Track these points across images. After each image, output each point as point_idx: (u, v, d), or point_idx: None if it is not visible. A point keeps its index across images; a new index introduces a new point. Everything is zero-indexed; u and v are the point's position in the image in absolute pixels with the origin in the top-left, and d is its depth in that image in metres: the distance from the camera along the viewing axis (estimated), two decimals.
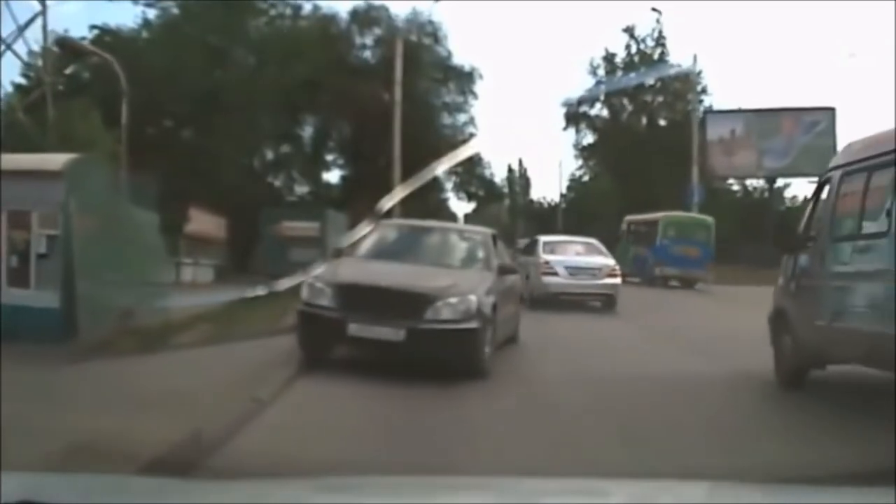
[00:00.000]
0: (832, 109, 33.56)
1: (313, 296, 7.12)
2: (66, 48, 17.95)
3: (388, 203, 9.67)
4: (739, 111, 35.60)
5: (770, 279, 8.08)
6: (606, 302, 14.58)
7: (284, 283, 7.13)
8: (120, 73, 16.26)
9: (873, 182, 6.00)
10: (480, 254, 8.39)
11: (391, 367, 6.76)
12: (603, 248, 16.15)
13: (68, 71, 26.55)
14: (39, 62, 21.62)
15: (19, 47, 20.58)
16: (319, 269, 7.53)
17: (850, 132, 59.22)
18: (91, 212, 8.03)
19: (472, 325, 6.86)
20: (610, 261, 15.31)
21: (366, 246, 8.29)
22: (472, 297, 6.97)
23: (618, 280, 14.94)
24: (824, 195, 6.83)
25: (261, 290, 9.73)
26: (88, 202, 8.04)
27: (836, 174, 6.72)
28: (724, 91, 66.52)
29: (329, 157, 34.58)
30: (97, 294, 7.63)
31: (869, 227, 5.98)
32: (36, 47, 20.54)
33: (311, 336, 7.21)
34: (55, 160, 8.39)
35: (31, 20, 19.01)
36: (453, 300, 6.90)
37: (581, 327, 11.70)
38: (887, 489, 2.07)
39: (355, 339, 6.89)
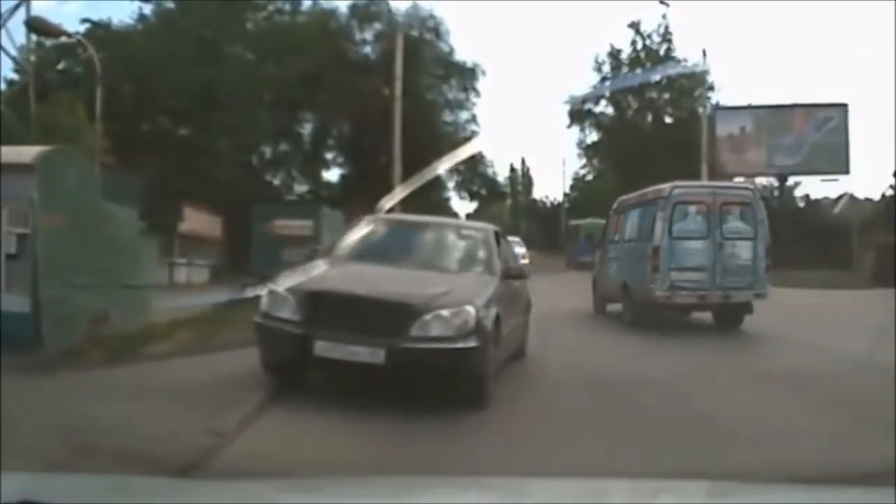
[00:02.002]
0: (844, 106, 33.00)
1: (273, 306, 5.80)
2: (38, 30, 17.41)
3: (388, 202, 8.94)
4: (749, 107, 34.98)
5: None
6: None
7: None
8: (95, 59, 15.67)
9: (621, 219, 13.40)
10: (481, 254, 7.09)
11: (379, 390, 5.62)
12: (520, 242, 25.50)
13: (60, 66, 26.11)
14: (32, 57, 21.09)
15: (10, 44, 20.05)
16: (284, 276, 6.23)
17: (863, 129, 58.80)
18: (62, 208, 7.38)
19: (470, 343, 5.51)
20: (522, 249, 23.34)
21: (348, 245, 7.11)
22: (470, 309, 5.65)
23: (527, 261, 22.31)
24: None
25: (249, 293, 9.19)
26: (60, 198, 7.38)
27: (611, 213, 14.25)
28: (732, 87, 66.05)
29: (329, 155, 34.20)
30: (64, 298, 6.95)
31: (617, 237, 13.40)
32: (23, 41, 19.98)
33: (271, 355, 5.92)
34: (26, 152, 7.73)
35: (15, 8, 18.38)
36: (446, 312, 5.56)
37: None
38: (887, 489, 2.07)
39: (324, 360, 5.54)
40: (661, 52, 39.76)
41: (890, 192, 33.52)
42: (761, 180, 37.22)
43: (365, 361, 5.40)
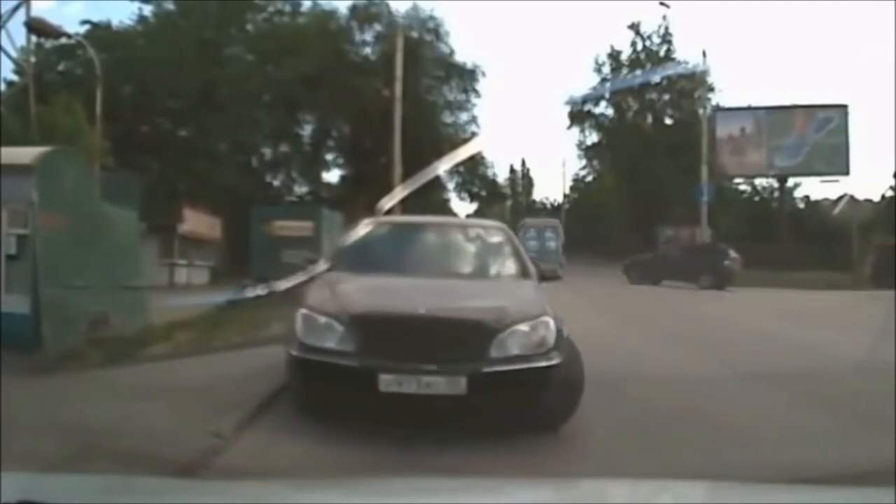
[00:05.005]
0: (844, 107, 32.97)
1: (314, 335, 4.85)
2: (38, 31, 17.42)
3: (388, 203, 8.79)
4: (749, 108, 34.94)
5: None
6: None
7: (281, 286, 6.40)
8: (95, 60, 15.63)
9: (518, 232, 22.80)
10: (512, 256, 6.28)
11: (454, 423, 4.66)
12: None
13: (60, 67, 26.16)
14: (32, 58, 21.12)
15: (10, 45, 20.06)
16: (313, 295, 5.25)
17: (863, 130, 58.73)
18: (62, 210, 7.36)
19: (553, 360, 4.78)
20: None
21: (357, 254, 6.14)
22: (548, 320, 4.93)
23: None
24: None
25: (249, 294, 9.20)
26: (60, 199, 7.37)
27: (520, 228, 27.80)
28: (732, 88, 66.01)
29: (329, 157, 34.22)
30: (64, 299, 6.94)
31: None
32: (23, 42, 20.00)
33: (318, 395, 4.90)
34: (25, 153, 7.71)
35: (15, 9, 18.39)
36: (524, 327, 4.83)
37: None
38: (887, 489, 2.08)
39: (390, 396, 4.57)
40: (661, 53, 39.80)
41: (890, 194, 33.58)
42: (761, 181, 37.41)
43: (444, 394, 4.56)
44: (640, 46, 40.38)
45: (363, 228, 6.63)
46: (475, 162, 33.45)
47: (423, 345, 4.69)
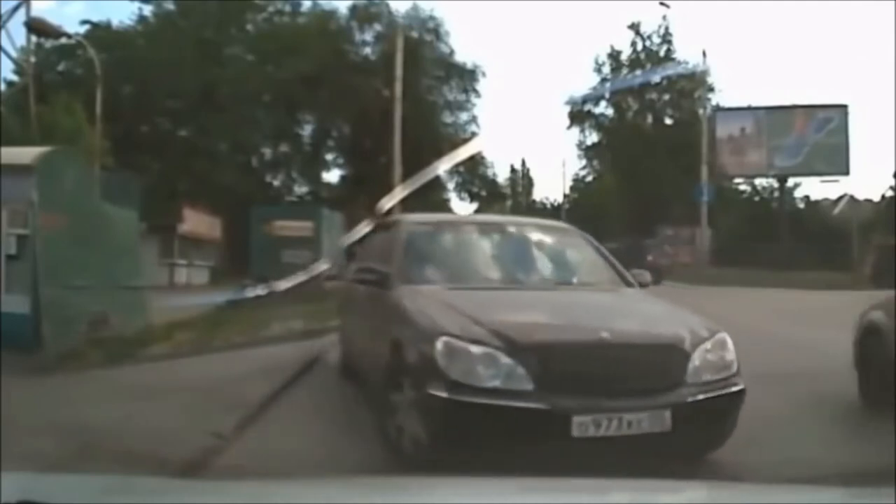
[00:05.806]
0: (844, 107, 32.97)
1: (472, 370, 3.83)
2: (38, 31, 17.43)
3: (388, 203, 8.75)
4: (749, 108, 34.94)
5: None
6: None
7: (281, 286, 6.39)
8: (95, 60, 15.66)
9: None
10: (603, 261, 5.56)
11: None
12: None
13: (60, 67, 26.19)
14: (32, 58, 21.14)
15: (10, 45, 20.10)
16: (438, 317, 4.18)
17: (863, 130, 58.90)
18: (62, 210, 7.38)
19: (740, 384, 4.18)
20: None
21: (436, 263, 5.15)
22: (725, 337, 4.30)
23: None
24: None
25: (249, 293, 9.22)
26: (60, 199, 7.38)
27: None
28: (732, 88, 66.19)
29: (329, 157, 34.27)
30: (64, 299, 6.95)
31: None
32: (23, 42, 20.02)
33: (483, 442, 3.76)
34: (25, 153, 7.73)
35: (15, 9, 18.41)
36: (707, 346, 4.18)
37: None
38: (887, 489, 2.06)
39: (584, 441, 3.74)
40: (661, 53, 39.90)
41: (890, 193, 33.59)
42: (761, 181, 37.44)
43: (649, 432, 3.83)
44: (640, 46, 40.51)
45: (414, 228, 5.52)
46: (475, 162, 33.51)
47: (616, 377, 3.94)
